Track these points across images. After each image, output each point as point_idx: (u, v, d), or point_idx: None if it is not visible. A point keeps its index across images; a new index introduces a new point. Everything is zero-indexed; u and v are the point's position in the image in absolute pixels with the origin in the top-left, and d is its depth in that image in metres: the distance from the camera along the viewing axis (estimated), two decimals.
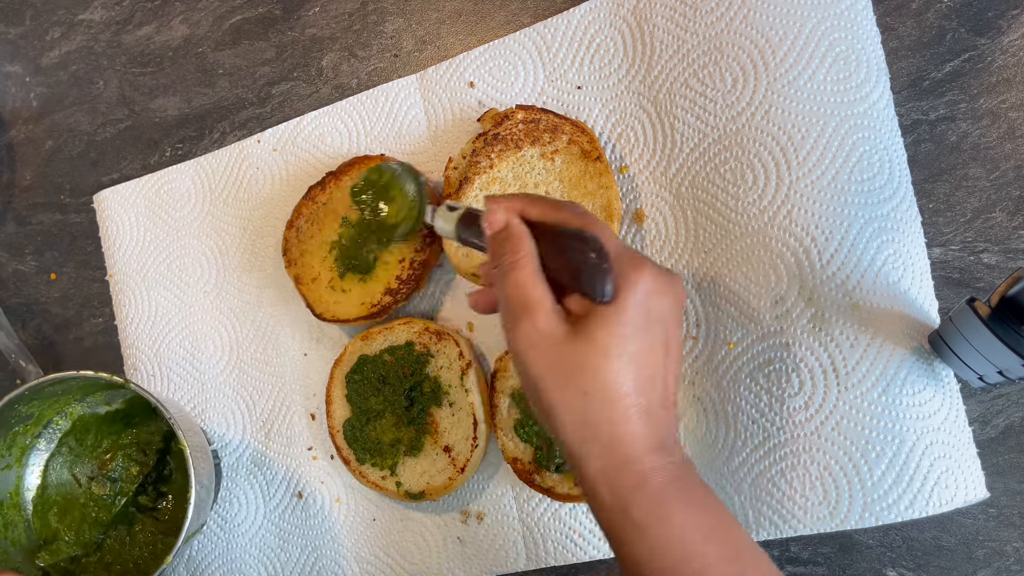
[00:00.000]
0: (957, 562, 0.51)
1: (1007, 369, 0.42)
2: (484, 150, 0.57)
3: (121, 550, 0.64)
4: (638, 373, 0.38)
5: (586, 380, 0.38)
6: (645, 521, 0.37)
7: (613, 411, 0.38)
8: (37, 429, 0.65)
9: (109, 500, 0.65)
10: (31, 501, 0.65)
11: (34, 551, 0.62)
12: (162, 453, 0.66)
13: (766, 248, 0.52)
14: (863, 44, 0.50)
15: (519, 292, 0.40)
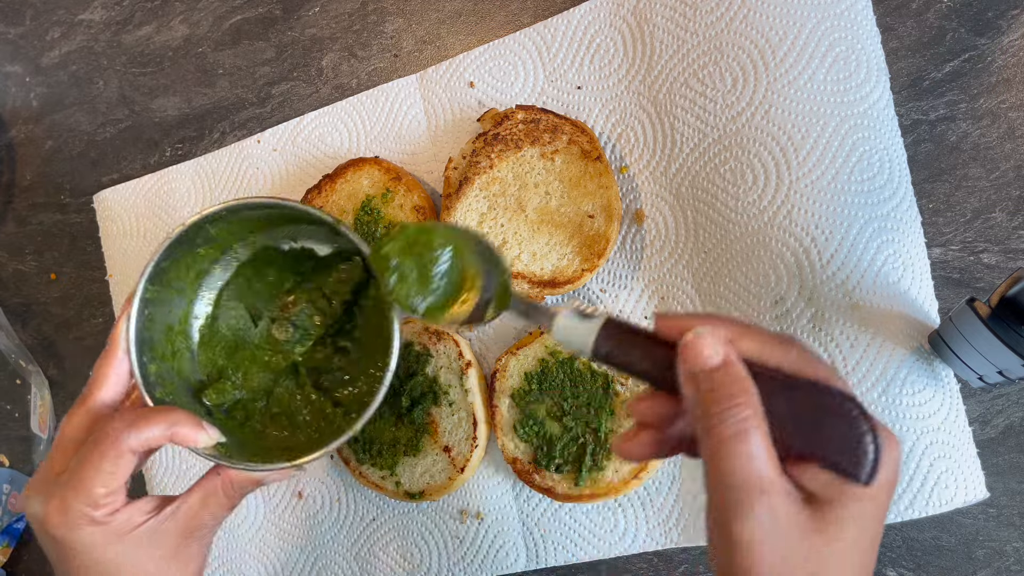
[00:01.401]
0: (957, 562, 0.51)
1: (1007, 369, 0.42)
2: (484, 150, 0.57)
3: (291, 402, 0.56)
4: (867, 562, 0.32)
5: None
6: None
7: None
8: (216, 254, 0.56)
9: (288, 347, 0.57)
10: (198, 330, 0.56)
11: (200, 388, 0.55)
12: (349, 305, 0.57)
13: (766, 248, 0.52)
14: (863, 44, 0.50)
15: (748, 467, 0.31)
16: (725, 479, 0.31)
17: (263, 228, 0.55)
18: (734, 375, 0.32)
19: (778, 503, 0.31)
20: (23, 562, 0.77)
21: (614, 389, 0.53)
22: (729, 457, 0.31)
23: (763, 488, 0.31)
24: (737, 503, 0.31)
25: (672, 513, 0.54)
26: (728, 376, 0.32)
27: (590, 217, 0.55)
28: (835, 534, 0.31)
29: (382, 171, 0.61)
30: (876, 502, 0.31)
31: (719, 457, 0.31)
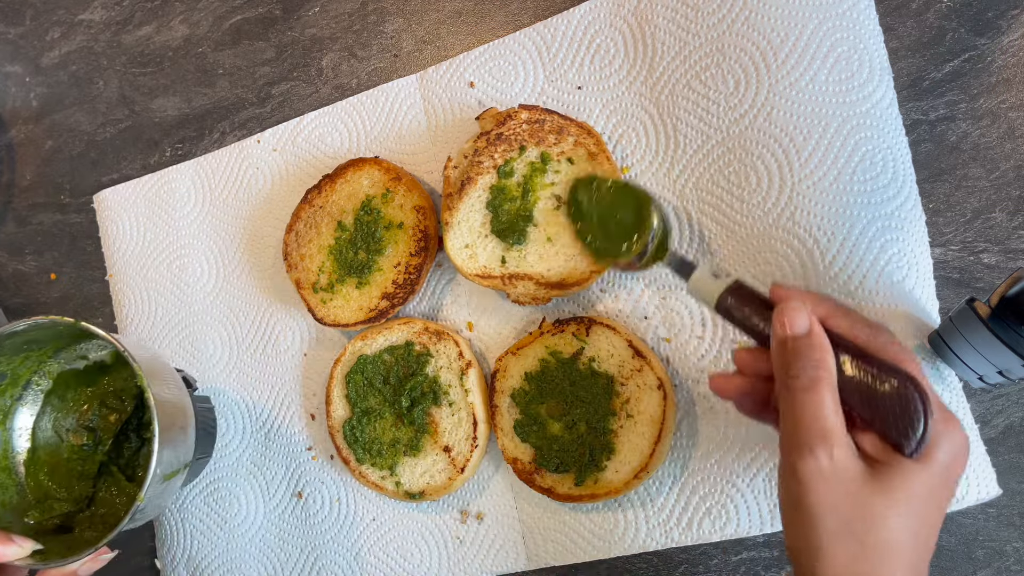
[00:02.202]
0: (957, 562, 0.51)
1: (1007, 369, 0.42)
2: (487, 150, 0.57)
3: (114, 502, 0.62)
4: (919, 531, 0.36)
5: (868, 530, 0.35)
6: None
7: (884, 567, 0.35)
8: (16, 391, 0.63)
9: (90, 450, 0.63)
10: (23, 464, 0.63)
11: (25, 510, 0.61)
12: (140, 399, 0.63)
13: (770, 249, 0.52)
14: (865, 44, 0.51)
15: (816, 416, 0.36)
16: (796, 424, 0.37)
17: (54, 353, 0.62)
18: (816, 342, 0.38)
19: (839, 451, 0.36)
20: None
21: (615, 389, 0.53)
22: (801, 405, 0.37)
23: (826, 435, 0.36)
24: (803, 444, 0.36)
25: (672, 513, 0.54)
26: (811, 341, 0.38)
27: None
28: (884, 488, 0.35)
29: (382, 171, 0.61)
30: (930, 478, 0.35)
31: (793, 405, 0.37)
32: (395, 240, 0.60)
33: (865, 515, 0.35)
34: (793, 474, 0.36)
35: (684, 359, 0.55)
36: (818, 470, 0.36)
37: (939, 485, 0.36)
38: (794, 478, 0.36)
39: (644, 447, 0.52)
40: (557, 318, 0.57)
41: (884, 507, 0.35)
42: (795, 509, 0.37)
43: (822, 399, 0.36)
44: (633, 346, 0.53)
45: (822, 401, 0.36)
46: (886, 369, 0.37)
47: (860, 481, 0.36)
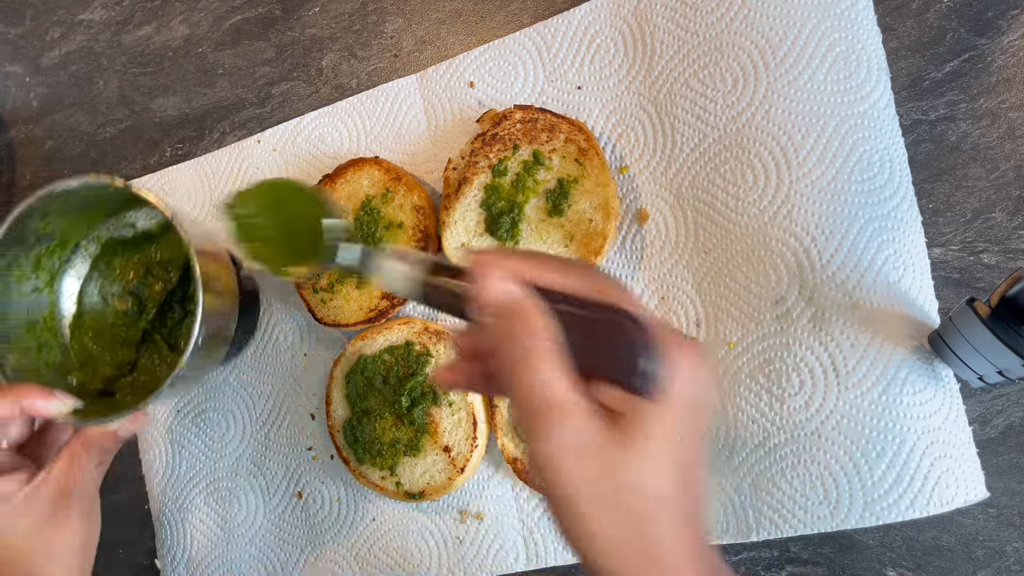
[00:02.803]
0: (957, 562, 0.51)
1: (1007, 369, 0.42)
2: (483, 150, 0.57)
3: (156, 370, 0.62)
4: (679, 476, 0.33)
5: (628, 496, 0.32)
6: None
7: (656, 527, 0.32)
8: (65, 253, 0.63)
9: (134, 317, 0.63)
10: (68, 327, 0.63)
11: (68, 371, 0.61)
12: (186, 271, 0.63)
13: (766, 248, 0.52)
14: (863, 44, 0.50)
15: (544, 390, 0.32)
16: (524, 405, 0.33)
17: (103, 219, 0.63)
18: (524, 307, 0.33)
19: (579, 423, 0.32)
20: None
21: None
22: (519, 381, 0.33)
23: (562, 410, 0.32)
24: (537, 427, 0.32)
25: None
26: (518, 309, 0.33)
27: (587, 216, 0.55)
28: (635, 446, 0.32)
29: (382, 171, 0.61)
30: (674, 415, 0.32)
31: (516, 385, 0.33)
32: (395, 240, 0.60)
33: (617, 478, 0.32)
34: (535, 460, 0.33)
35: None
36: (558, 449, 0.32)
37: (688, 421, 0.33)
38: (538, 465, 0.33)
39: None
40: None
41: (638, 465, 0.32)
42: (550, 496, 0.33)
43: (546, 371, 0.32)
44: None
45: (547, 373, 0.32)
46: (609, 313, 0.33)
47: (603, 442, 0.32)
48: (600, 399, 0.33)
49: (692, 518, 0.33)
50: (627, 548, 0.32)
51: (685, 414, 0.33)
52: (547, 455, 0.32)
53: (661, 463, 0.32)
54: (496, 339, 0.34)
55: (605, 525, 0.32)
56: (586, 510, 0.32)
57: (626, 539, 0.32)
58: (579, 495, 0.32)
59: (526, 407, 0.33)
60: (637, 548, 0.32)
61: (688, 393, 0.33)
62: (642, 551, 0.32)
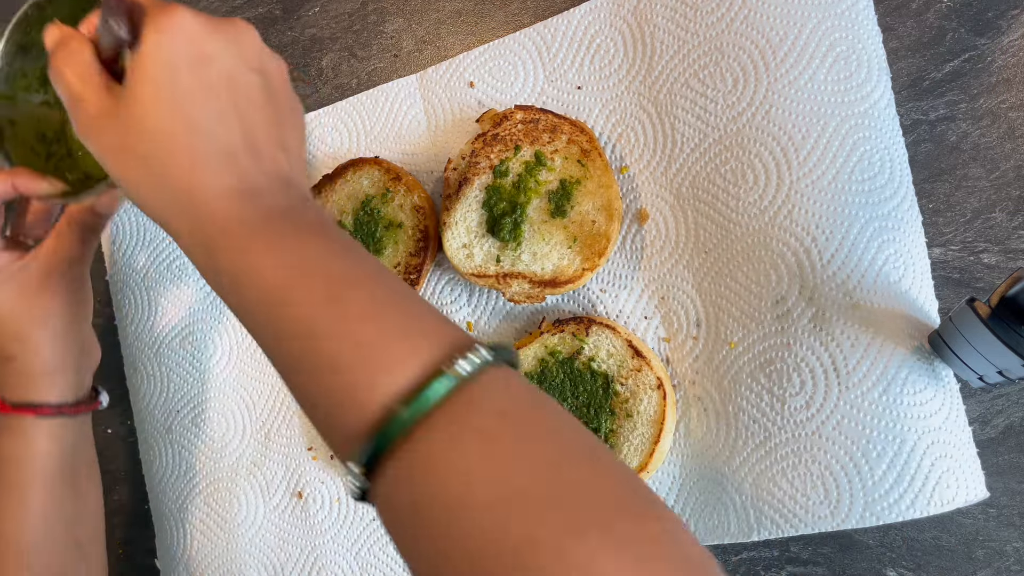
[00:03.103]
0: (957, 562, 0.51)
1: (1007, 369, 0.42)
2: (483, 151, 0.57)
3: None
4: (198, 115, 0.35)
5: (142, 142, 0.35)
6: (232, 272, 0.34)
7: (176, 163, 0.35)
8: None
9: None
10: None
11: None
12: None
13: (767, 248, 0.52)
14: (864, 44, 0.51)
15: (61, 86, 0.38)
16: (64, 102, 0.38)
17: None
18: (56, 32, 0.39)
19: (91, 98, 0.37)
20: None
21: (614, 389, 0.53)
22: (57, 85, 0.38)
23: (76, 94, 0.37)
24: (71, 114, 0.38)
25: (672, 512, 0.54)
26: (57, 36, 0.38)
27: (590, 217, 0.55)
28: (130, 96, 0.36)
29: (382, 171, 0.61)
30: (152, 56, 0.35)
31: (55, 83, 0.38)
32: (395, 240, 0.60)
33: (127, 135, 0.36)
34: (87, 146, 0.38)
35: (682, 359, 0.55)
36: (84, 126, 0.37)
37: (187, 61, 0.35)
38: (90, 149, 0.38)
39: (643, 447, 0.52)
40: (557, 318, 0.57)
41: (140, 112, 0.35)
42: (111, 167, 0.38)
43: (62, 73, 0.37)
44: (632, 346, 0.53)
45: (59, 66, 0.37)
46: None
47: (109, 108, 0.36)
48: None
49: (236, 160, 0.36)
50: (166, 194, 0.36)
51: (174, 56, 0.35)
52: (81, 137, 0.38)
53: (153, 107, 0.35)
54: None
55: (141, 180, 0.36)
56: (121, 172, 0.37)
57: (155, 184, 0.36)
58: (109, 159, 0.37)
59: (66, 106, 0.38)
60: (173, 191, 0.36)
61: (169, 37, 0.35)
62: (179, 192, 0.36)
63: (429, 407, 0.30)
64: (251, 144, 0.37)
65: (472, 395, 0.31)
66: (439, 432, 0.30)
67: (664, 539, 0.28)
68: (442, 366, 0.31)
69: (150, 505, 0.71)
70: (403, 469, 0.30)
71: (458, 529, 0.28)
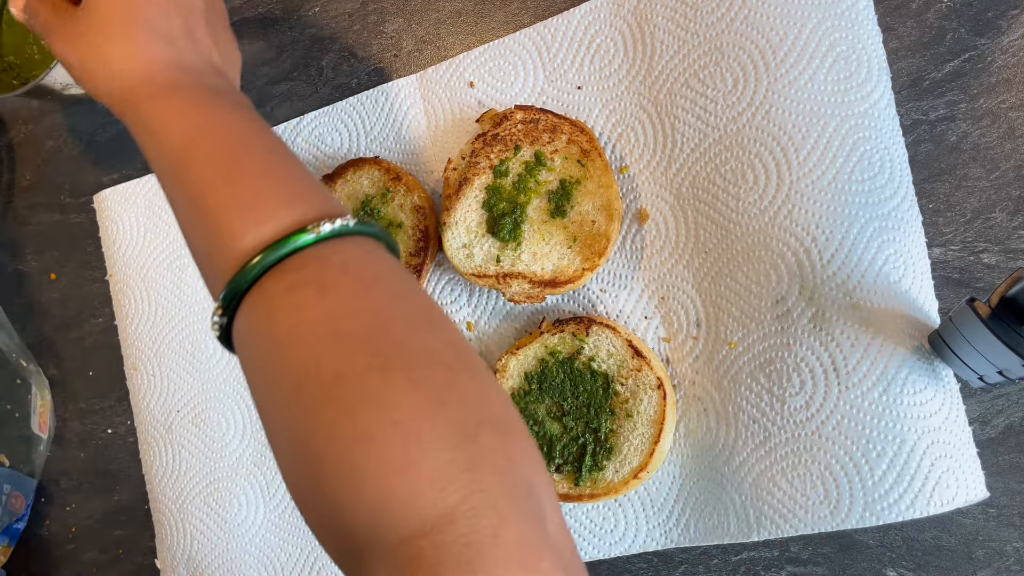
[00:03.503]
0: (957, 562, 0.51)
1: (1007, 369, 0.42)
2: (483, 151, 0.57)
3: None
4: (143, 8, 0.41)
5: (91, 30, 0.41)
6: (151, 128, 0.39)
7: (121, 40, 0.40)
8: None
9: None
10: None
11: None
12: None
13: (767, 248, 0.52)
14: (864, 44, 0.51)
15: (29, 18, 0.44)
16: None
17: None
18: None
19: (48, 17, 0.43)
20: (23, 562, 0.77)
21: (614, 389, 0.53)
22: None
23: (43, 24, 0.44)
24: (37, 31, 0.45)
25: (672, 513, 0.54)
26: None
27: (590, 217, 0.55)
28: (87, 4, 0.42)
29: (382, 171, 0.61)
30: None
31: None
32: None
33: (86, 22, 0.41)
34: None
35: (682, 359, 0.55)
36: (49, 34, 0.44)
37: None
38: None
39: (644, 447, 0.52)
40: (557, 318, 0.57)
41: (93, 10, 0.41)
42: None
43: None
44: (633, 346, 0.53)
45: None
46: None
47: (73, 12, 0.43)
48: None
49: (174, 41, 0.41)
50: (106, 69, 0.41)
51: None
52: (47, 40, 0.44)
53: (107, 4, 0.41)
54: None
55: (86, 60, 0.42)
56: (74, 57, 0.42)
57: (102, 62, 0.41)
58: (66, 49, 0.43)
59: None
60: (110, 63, 0.41)
61: None
62: (114, 63, 0.41)
63: (282, 256, 0.33)
64: (189, 33, 0.42)
65: (325, 252, 0.33)
66: (286, 278, 0.33)
67: (466, 385, 0.30)
68: (308, 224, 0.33)
69: (150, 505, 0.71)
70: (249, 310, 0.33)
71: (283, 363, 0.31)
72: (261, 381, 0.33)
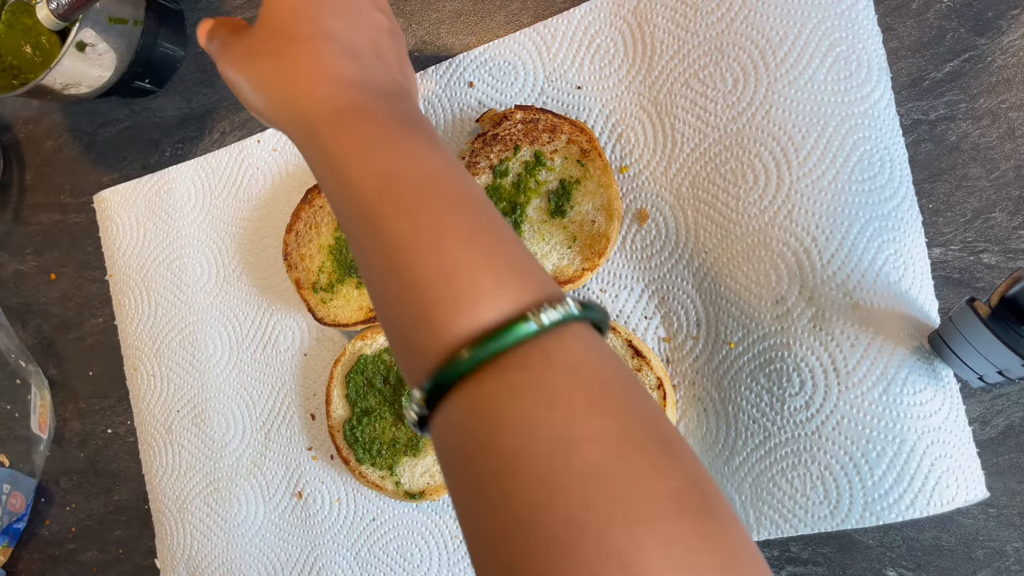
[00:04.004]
0: (957, 562, 0.51)
1: (1007, 369, 0.42)
2: (483, 151, 0.57)
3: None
4: (325, 18, 0.38)
5: (269, 41, 0.39)
6: (334, 163, 0.35)
7: (302, 53, 0.37)
8: None
9: None
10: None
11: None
12: None
13: (767, 248, 0.52)
14: (864, 44, 0.50)
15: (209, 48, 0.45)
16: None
17: None
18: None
19: (224, 38, 0.44)
20: (23, 562, 0.77)
21: None
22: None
23: (219, 41, 0.44)
24: (216, 60, 0.45)
25: None
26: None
27: (590, 217, 0.55)
28: (264, 12, 0.41)
29: None
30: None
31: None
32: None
33: (263, 33, 0.41)
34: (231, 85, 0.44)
35: (682, 359, 0.55)
36: (224, 70, 0.43)
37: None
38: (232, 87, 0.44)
39: None
40: None
41: (271, 19, 0.40)
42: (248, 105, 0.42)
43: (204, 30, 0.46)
44: (633, 346, 0.53)
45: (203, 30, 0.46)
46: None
47: (246, 29, 0.43)
48: None
49: (362, 58, 0.38)
50: (282, 81, 0.38)
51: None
52: (226, 77, 0.43)
53: (286, 11, 0.39)
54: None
55: (262, 73, 0.39)
56: (249, 72, 0.40)
57: (278, 73, 0.38)
58: (240, 64, 0.41)
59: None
60: (288, 76, 0.38)
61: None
62: (292, 76, 0.38)
63: (502, 351, 0.28)
64: (375, 48, 0.39)
65: (548, 348, 0.29)
66: (507, 379, 0.28)
67: (716, 540, 0.26)
68: (527, 311, 0.29)
69: (150, 505, 0.71)
70: (462, 410, 0.29)
71: (505, 488, 0.27)
72: (472, 499, 0.28)
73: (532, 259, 0.33)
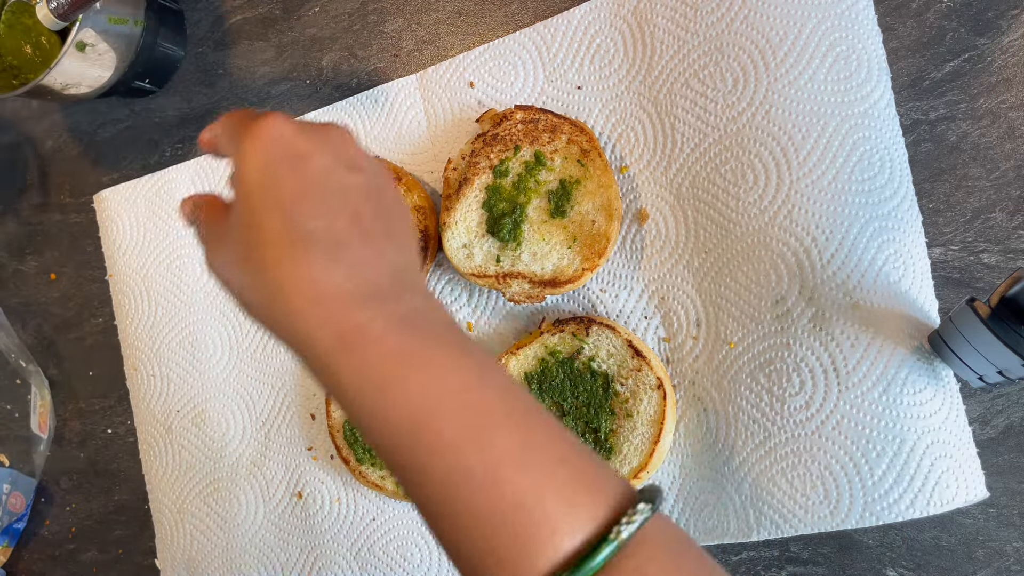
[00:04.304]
0: (957, 562, 0.51)
1: (1007, 369, 0.42)
2: (483, 151, 0.57)
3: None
4: (299, 209, 0.32)
5: (241, 244, 0.33)
6: (361, 402, 0.31)
7: (275, 257, 0.32)
8: None
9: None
10: None
11: None
12: None
13: (767, 248, 0.52)
14: (864, 44, 0.50)
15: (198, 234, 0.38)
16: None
17: None
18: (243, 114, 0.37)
19: (211, 248, 0.36)
20: (23, 562, 0.77)
21: (614, 389, 0.53)
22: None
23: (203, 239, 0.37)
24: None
25: (672, 513, 0.54)
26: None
27: (590, 217, 0.55)
28: (234, 206, 0.34)
29: None
30: (239, 176, 0.34)
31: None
32: None
33: (237, 234, 0.34)
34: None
35: (682, 359, 0.55)
36: (212, 268, 0.36)
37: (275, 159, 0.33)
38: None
39: (643, 447, 0.52)
40: (557, 318, 0.57)
41: (243, 216, 0.34)
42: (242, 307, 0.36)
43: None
44: (632, 346, 0.53)
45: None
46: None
47: (226, 219, 0.35)
48: None
49: (349, 255, 0.32)
50: (262, 293, 0.33)
51: (269, 159, 0.33)
52: (210, 268, 0.36)
53: (257, 205, 0.33)
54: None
55: (244, 284, 0.34)
56: (233, 284, 0.34)
57: (257, 285, 0.33)
58: (225, 274, 0.35)
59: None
60: (266, 287, 0.32)
61: (249, 151, 0.33)
62: (273, 287, 0.32)
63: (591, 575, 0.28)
64: (358, 225, 0.33)
65: (638, 562, 0.28)
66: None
67: None
68: (608, 528, 0.28)
69: (150, 505, 0.71)
70: None
71: None
72: None
73: (588, 454, 0.31)
